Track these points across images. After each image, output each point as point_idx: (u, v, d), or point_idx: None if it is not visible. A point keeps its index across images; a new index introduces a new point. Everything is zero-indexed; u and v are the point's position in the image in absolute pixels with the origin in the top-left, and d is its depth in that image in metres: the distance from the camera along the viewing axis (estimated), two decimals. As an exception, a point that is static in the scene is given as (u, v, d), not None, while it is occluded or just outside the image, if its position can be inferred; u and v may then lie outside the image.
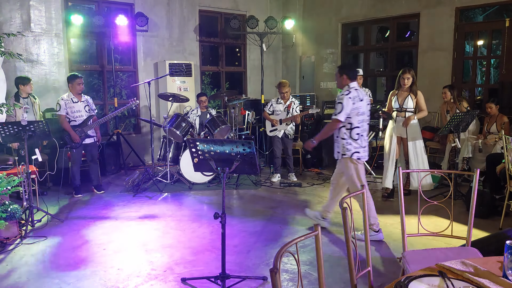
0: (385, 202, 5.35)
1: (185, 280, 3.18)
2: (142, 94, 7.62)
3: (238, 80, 9.39)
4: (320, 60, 9.04)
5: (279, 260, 1.40)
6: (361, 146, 3.95)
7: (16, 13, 6.39)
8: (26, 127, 4.36)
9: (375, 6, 8.01)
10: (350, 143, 3.93)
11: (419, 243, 3.75)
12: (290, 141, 6.50)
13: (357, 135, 3.93)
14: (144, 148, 7.72)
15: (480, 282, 1.60)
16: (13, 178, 4.08)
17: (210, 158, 2.95)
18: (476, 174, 2.56)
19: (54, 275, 3.35)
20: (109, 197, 5.64)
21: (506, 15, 6.67)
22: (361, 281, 2.90)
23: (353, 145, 3.93)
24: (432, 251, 2.56)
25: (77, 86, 5.56)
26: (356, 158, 3.93)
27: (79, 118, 5.59)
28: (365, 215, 2.29)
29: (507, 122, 5.75)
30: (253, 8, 8.93)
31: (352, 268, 1.97)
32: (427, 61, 7.34)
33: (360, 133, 3.94)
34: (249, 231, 4.36)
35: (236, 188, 6.07)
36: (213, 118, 6.28)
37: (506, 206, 4.34)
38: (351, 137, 3.92)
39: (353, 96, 3.86)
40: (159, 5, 7.78)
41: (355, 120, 3.90)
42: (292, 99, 6.48)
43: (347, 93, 3.88)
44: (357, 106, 3.87)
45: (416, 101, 5.17)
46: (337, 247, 3.87)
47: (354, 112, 3.87)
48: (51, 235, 4.21)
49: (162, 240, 4.10)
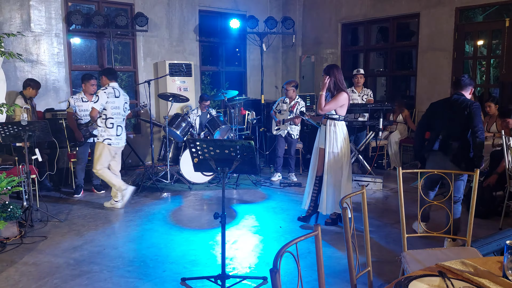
0: (385, 202, 5.35)
1: (185, 280, 3.18)
2: (142, 94, 7.63)
3: (238, 80, 9.39)
4: (320, 60, 9.04)
5: (279, 260, 1.40)
6: (112, 135, 4.90)
7: (16, 13, 6.39)
8: (26, 127, 4.36)
9: (375, 6, 8.01)
10: (104, 130, 4.91)
11: (419, 243, 3.75)
12: (294, 141, 6.47)
13: (111, 124, 4.90)
14: (144, 148, 7.72)
15: (480, 282, 1.60)
16: (13, 178, 4.08)
17: (210, 158, 2.95)
18: (476, 174, 2.57)
19: (54, 275, 3.35)
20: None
21: (506, 15, 6.66)
22: (361, 281, 2.91)
23: (106, 133, 4.90)
24: (432, 251, 2.56)
25: (90, 87, 5.60)
26: (107, 143, 4.91)
27: (85, 118, 5.61)
28: (365, 215, 2.29)
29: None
30: (253, 8, 8.93)
31: (352, 268, 1.97)
32: (427, 61, 7.34)
33: (113, 123, 4.92)
34: (249, 231, 4.36)
35: (236, 188, 6.07)
36: (213, 118, 6.28)
37: (506, 206, 4.35)
38: (105, 126, 4.91)
39: (108, 92, 4.87)
40: (159, 5, 7.78)
41: (109, 112, 4.89)
42: (298, 99, 6.40)
43: (104, 89, 4.91)
44: (111, 100, 4.88)
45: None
46: (337, 247, 3.87)
47: (109, 106, 4.87)
48: (51, 235, 4.21)
49: (162, 240, 4.10)
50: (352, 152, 6.46)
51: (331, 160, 4.24)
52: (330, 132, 4.23)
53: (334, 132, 4.22)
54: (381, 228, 4.36)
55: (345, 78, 8.41)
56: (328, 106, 4.18)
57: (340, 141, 4.23)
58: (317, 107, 4.37)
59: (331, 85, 4.24)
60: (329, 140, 4.23)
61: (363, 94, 6.69)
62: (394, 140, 7.12)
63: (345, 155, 4.26)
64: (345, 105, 4.25)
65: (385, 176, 6.41)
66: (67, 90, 6.93)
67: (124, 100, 5.12)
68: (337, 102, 4.18)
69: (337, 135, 4.22)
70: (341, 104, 4.20)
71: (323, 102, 4.19)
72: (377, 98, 8.69)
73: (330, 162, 4.24)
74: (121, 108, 5.05)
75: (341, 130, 4.26)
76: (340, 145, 4.23)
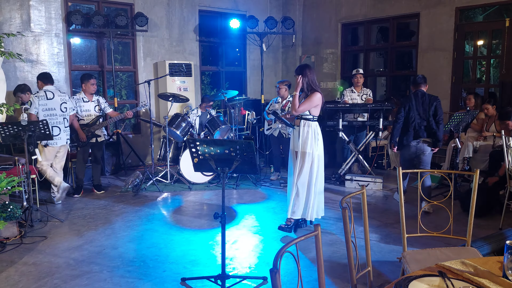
0: (385, 202, 5.35)
1: (185, 280, 3.18)
2: (142, 94, 7.63)
3: (238, 80, 9.40)
4: (320, 60, 9.04)
5: (279, 260, 1.40)
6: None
7: (16, 13, 6.39)
8: (26, 127, 4.36)
9: (375, 6, 8.02)
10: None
11: (419, 243, 3.75)
12: (287, 140, 6.46)
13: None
14: (144, 148, 7.72)
15: (480, 282, 1.60)
16: (13, 178, 4.08)
17: (210, 158, 2.95)
18: (476, 174, 2.56)
19: (54, 275, 3.35)
20: (109, 197, 5.64)
21: (506, 15, 6.66)
22: (361, 281, 2.91)
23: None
24: (432, 251, 2.56)
25: (91, 86, 5.62)
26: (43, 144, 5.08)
27: (87, 118, 5.62)
28: (365, 215, 2.29)
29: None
30: (253, 8, 8.93)
31: (352, 268, 1.97)
32: (427, 61, 7.34)
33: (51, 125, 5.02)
34: (249, 231, 4.36)
35: (236, 188, 6.07)
36: (213, 118, 6.28)
37: (506, 206, 4.35)
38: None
39: (39, 96, 5.08)
40: (159, 5, 7.78)
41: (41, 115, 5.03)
42: (290, 99, 6.44)
43: (36, 93, 5.16)
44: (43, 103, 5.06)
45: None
46: (337, 247, 3.87)
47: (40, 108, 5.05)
48: (51, 235, 4.21)
49: (162, 240, 4.10)
50: (352, 152, 6.47)
51: (306, 161, 4.09)
52: (304, 133, 4.10)
53: (307, 133, 4.09)
54: (381, 228, 4.36)
55: (345, 78, 8.40)
56: (302, 107, 4.06)
57: (311, 142, 4.08)
58: (291, 108, 4.23)
59: (304, 85, 4.12)
60: (302, 141, 4.10)
61: (362, 94, 6.69)
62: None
63: (316, 157, 4.10)
64: (319, 105, 4.13)
65: (385, 176, 6.41)
66: (67, 90, 6.93)
67: (61, 100, 5.24)
68: (311, 103, 4.07)
69: (310, 136, 4.08)
70: (315, 105, 4.09)
71: (297, 102, 4.07)
72: (377, 98, 8.69)
73: (305, 164, 4.09)
74: (57, 109, 5.19)
75: (314, 130, 4.12)
76: (312, 146, 4.08)
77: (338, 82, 8.79)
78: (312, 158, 4.10)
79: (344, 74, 8.79)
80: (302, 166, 4.12)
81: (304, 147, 4.09)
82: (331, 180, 6.43)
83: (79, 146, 5.57)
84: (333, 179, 6.44)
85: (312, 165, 4.12)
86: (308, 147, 4.08)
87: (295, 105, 4.07)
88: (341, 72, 8.83)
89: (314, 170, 4.12)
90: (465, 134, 6.17)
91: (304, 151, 4.10)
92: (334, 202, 5.35)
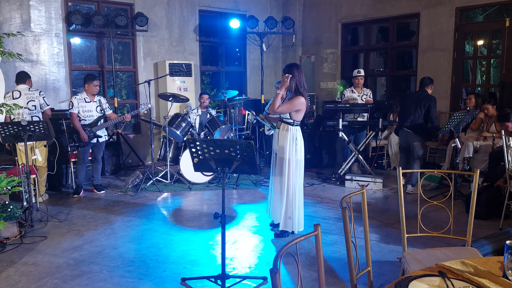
0: (385, 202, 5.35)
1: (185, 280, 3.18)
2: (142, 94, 7.63)
3: (238, 80, 9.40)
4: (320, 60, 9.04)
5: (279, 260, 1.40)
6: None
7: (16, 13, 6.39)
8: (26, 127, 4.36)
9: (375, 6, 8.02)
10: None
11: (419, 243, 3.75)
12: None
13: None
14: (144, 148, 7.72)
15: (480, 282, 1.60)
16: (13, 178, 4.08)
17: (210, 158, 2.95)
18: (476, 174, 2.56)
19: (54, 275, 3.35)
20: (109, 197, 5.64)
21: (506, 15, 6.66)
22: (361, 281, 2.91)
23: None
24: (432, 251, 2.56)
25: (94, 87, 5.61)
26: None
27: (89, 118, 5.61)
28: (365, 215, 2.29)
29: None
30: (253, 8, 8.93)
31: (352, 268, 1.97)
32: (427, 61, 7.34)
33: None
34: (249, 231, 4.36)
35: (236, 188, 6.07)
36: (213, 118, 6.28)
37: (506, 206, 4.35)
38: None
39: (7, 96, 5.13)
40: (159, 5, 7.78)
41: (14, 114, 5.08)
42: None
43: (6, 93, 5.18)
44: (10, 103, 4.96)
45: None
46: (337, 247, 3.87)
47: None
48: (51, 235, 4.21)
49: (162, 240, 4.10)
50: (352, 152, 6.47)
51: (283, 166, 3.94)
52: (281, 136, 3.92)
53: (284, 137, 3.89)
54: (381, 228, 4.36)
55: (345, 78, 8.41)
56: (281, 108, 3.84)
57: (289, 147, 3.88)
58: (270, 106, 3.97)
59: (292, 86, 3.90)
60: (279, 145, 3.93)
61: (362, 94, 6.69)
62: (394, 140, 7.11)
63: (293, 162, 3.91)
64: (301, 110, 3.90)
65: (385, 176, 6.42)
66: (67, 90, 6.93)
67: (27, 99, 5.28)
68: (291, 106, 3.85)
69: (288, 140, 3.88)
70: (296, 109, 3.86)
71: (278, 102, 3.85)
72: (378, 98, 8.70)
73: (282, 168, 3.94)
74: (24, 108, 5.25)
75: (293, 135, 3.90)
76: (289, 152, 3.89)
77: (338, 82, 8.80)
78: (288, 164, 3.91)
79: (344, 74, 8.79)
80: (279, 170, 3.98)
81: (281, 151, 3.93)
82: (331, 180, 6.44)
83: (80, 146, 5.56)
84: (333, 179, 6.45)
85: (289, 170, 3.92)
86: (284, 152, 3.91)
87: (274, 104, 3.86)
88: (341, 72, 8.83)
89: (290, 176, 3.93)
90: (465, 134, 6.18)
91: (281, 156, 3.95)
92: (334, 202, 5.36)
